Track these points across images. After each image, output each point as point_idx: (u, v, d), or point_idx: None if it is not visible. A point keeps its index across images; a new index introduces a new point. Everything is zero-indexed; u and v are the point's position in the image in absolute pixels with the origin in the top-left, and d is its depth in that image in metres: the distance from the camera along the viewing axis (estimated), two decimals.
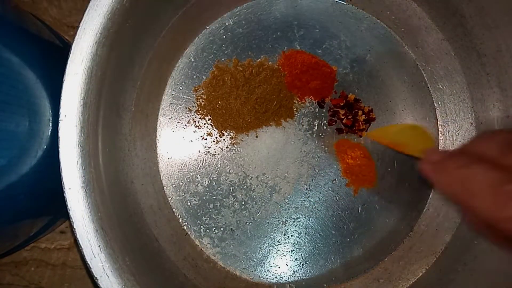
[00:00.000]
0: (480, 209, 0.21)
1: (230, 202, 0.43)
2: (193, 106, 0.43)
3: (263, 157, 0.43)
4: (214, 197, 0.43)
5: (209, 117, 0.43)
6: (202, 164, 0.43)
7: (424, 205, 0.44)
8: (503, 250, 0.29)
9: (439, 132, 0.44)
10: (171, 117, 0.43)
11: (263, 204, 0.43)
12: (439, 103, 0.44)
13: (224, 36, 0.43)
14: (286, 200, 0.43)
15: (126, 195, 0.38)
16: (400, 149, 0.38)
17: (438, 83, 0.44)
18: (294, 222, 0.43)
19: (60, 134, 0.30)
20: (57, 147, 0.30)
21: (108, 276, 0.30)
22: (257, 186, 0.43)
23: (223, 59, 0.43)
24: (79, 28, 0.31)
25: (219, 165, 0.43)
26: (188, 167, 0.43)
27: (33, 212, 0.39)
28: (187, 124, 0.43)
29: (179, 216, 0.42)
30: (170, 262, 0.40)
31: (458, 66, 0.43)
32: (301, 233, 0.43)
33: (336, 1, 0.44)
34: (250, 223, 0.43)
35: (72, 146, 0.30)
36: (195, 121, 0.43)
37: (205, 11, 0.42)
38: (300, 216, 0.43)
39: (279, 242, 0.43)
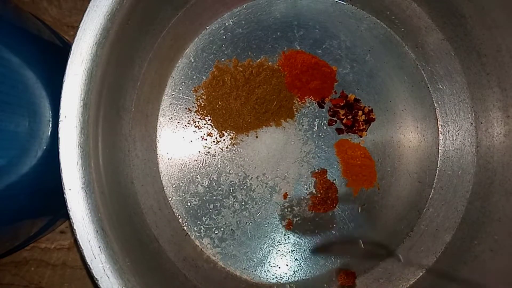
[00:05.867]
0: None
1: (230, 202, 0.43)
2: (193, 107, 0.43)
3: (263, 158, 0.43)
4: (214, 198, 0.43)
5: (209, 118, 0.43)
6: (202, 164, 0.43)
7: (424, 205, 0.44)
8: None
9: (439, 132, 0.44)
10: (171, 118, 0.43)
11: (263, 204, 0.43)
12: (439, 103, 0.44)
13: (224, 36, 0.43)
14: (286, 200, 0.43)
15: (126, 196, 0.38)
16: None
17: (438, 83, 0.44)
18: (294, 222, 0.43)
19: (60, 134, 0.30)
20: (57, 148, 0.30)
21: (108, 277, 0.30)
22: (257, 186, 0.43)
23: (223, 59, 0.43)
24: (79, 29, 0.31)
25: (219, 166, 0.43)
26: (188, 168, 0.43)
27: (33, 212, 0.39)
28: (187, 125, 0.43)
29: (179, 217, 0.42)
30: (170, 262, 0.40)
31: (458, 66, 0.43)
32: (301, 233, 0.43)
33: (336, 1, 0.44)
34: (250, 224, 0.43)
35: (72, 147, 0.30)
36: (195, 122, 0.43)
37: (205, 11, 0.42)
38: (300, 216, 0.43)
39: (279, 242, 0.43)
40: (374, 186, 0.44)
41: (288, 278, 0.42)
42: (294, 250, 0.43)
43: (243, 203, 0.43)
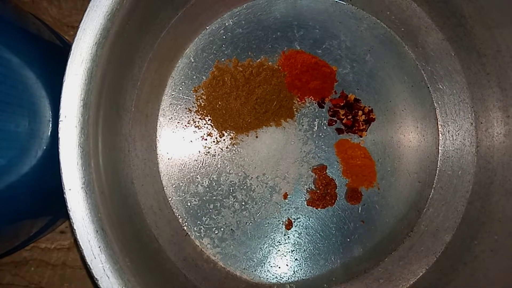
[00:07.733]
0: None
1: (230, 202, 0.43)
2: (193, 107, 0.43)
3: (263, 158, 0.43)
4: (214, 198, 0.43)
5: (209, 118, 0.43)
6: (202, 164, 0.43)
7: (424, 205, 0.44)
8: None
9: (439, 132, 0.44)
10: (171, 118, 0.43)
11: (263, 204, 0.43)
12: (439, 103, 0.44)
13: (224, 37, 0.43)
14: (286, 200, 0.43)
15: (126, 196, 0.38)
16: None
17: (438, 83, 0.44)
18: (294, 222, 0.43)
19: (60, 135, 0.30)
20: (57, 148, 0.30)
21: (108, 277, 0.30)
22: (257, 186, 0.43)
23: (223, 59, 0.43)
24: (79, 29, 0.31)
25: (219, 166, 0.43)
26: (188, 168, 0.43)
27: (33, 212, 0.39)
28: (187, 125, 0.43)
29: (179, 217, 0.42)
30: (170, 262, 0.40)
31: (458, 66, 0.43)
32: (301, 233, 0.43)
33: (336, 1, 0.44)
34: (250, 224, 0.43)
35: (72, 147, 0.30)
36: (195, 122, 0.43)
37: (205, 11, 0.42)
38: (300, 216, 0.43)
39: (279, 242, 0.43)
40: (374, 186, 0.44)
41: (288, 278, 0.42)
42: (294, 250, 0.43)
43: (243, 203, 0.43)
